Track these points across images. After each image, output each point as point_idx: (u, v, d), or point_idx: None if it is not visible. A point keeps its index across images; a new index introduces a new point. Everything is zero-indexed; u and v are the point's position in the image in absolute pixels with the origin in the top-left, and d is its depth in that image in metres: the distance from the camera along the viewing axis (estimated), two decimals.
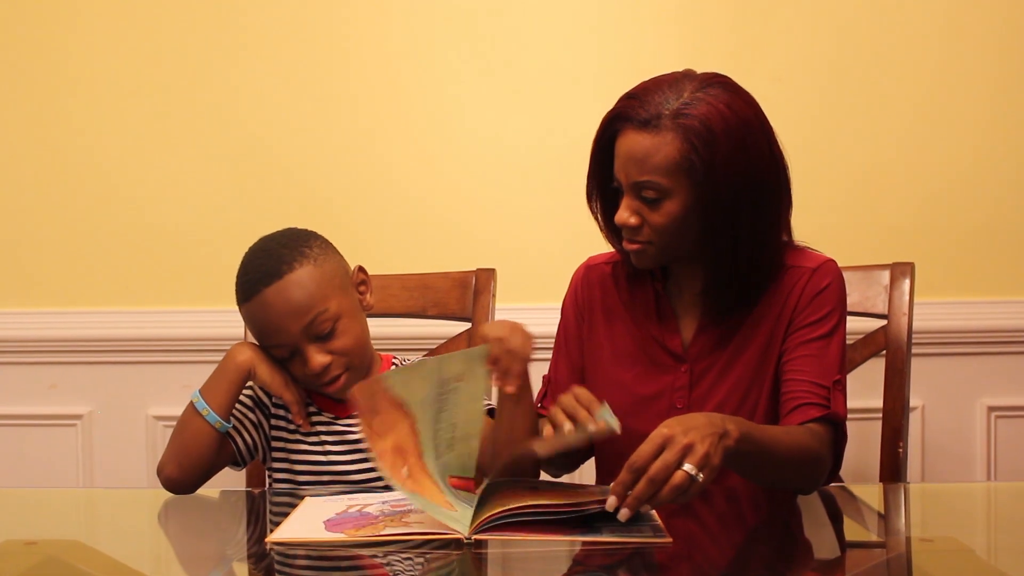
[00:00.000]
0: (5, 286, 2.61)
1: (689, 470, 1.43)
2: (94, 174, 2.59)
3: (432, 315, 2.22)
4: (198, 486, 1.80)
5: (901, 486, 1.94)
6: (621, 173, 1.71)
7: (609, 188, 1.76)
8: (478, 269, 2.21)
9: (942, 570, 1.42)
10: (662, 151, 1.67)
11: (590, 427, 1.51)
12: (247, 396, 1.87)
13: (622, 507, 1.43)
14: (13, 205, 2.61)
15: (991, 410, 2.52)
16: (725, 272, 1.73)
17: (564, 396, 1.58)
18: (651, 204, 1.70)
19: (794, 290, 1.77)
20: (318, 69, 2.56)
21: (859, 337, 2.08)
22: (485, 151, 2.55)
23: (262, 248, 1.83)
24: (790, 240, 1.81)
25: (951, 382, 2.51)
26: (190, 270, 2.58)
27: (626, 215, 1.71)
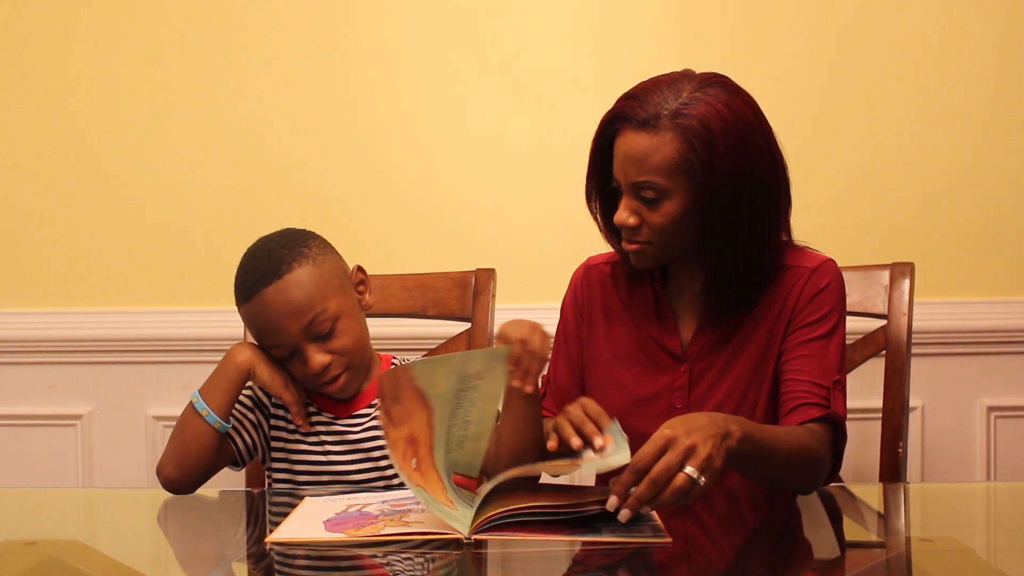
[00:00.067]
0: (5, 286, 2.62)
1: (691, 473, 1.43)
2: (94, 174, 2.59)
3: (432, 315, 2.21)
4: (197, 486, 1.80)
5: (901, 486, 1.94)
6: (620, 173, 1.71)
7: (608, 188, 1.76)
8: (478, 269, 2.21)
9: (942, 570, 1.42)
10: (661, 151, 1.66)
11: (596, 442, 1.51)
12: (247, 396, 1.87)
13: (623, 507, 1.43)
14: (13, 205, 2.61)
15: (991, 410, 2.52)
16: (724, 272, 1.73)
17: (572, 407, 1.57)
18: (650, 204, 1.70)
19: (793, 290, 1.77)
20: (318, 69, 2.56)
21: (859, 337, 2.08)
22: (485, 151, 2.55)
23: (261, 248, 1.82)
24: (790, 240, 1.81)
25: (951, 382, 2.51)
26: (190, 270, 2.58)
27: (625, 215, 1.71)
